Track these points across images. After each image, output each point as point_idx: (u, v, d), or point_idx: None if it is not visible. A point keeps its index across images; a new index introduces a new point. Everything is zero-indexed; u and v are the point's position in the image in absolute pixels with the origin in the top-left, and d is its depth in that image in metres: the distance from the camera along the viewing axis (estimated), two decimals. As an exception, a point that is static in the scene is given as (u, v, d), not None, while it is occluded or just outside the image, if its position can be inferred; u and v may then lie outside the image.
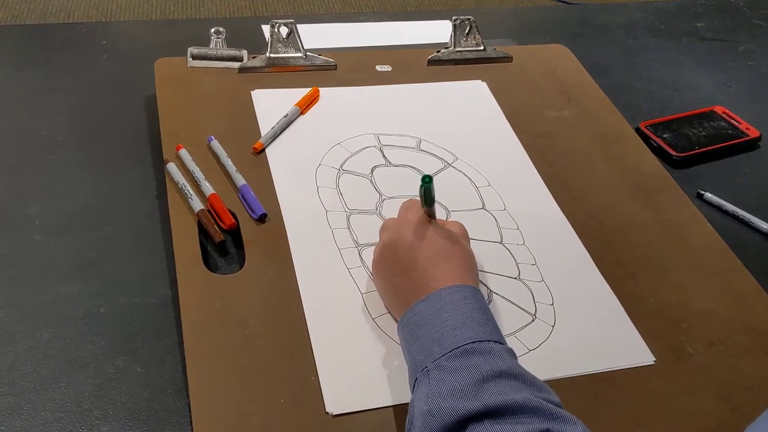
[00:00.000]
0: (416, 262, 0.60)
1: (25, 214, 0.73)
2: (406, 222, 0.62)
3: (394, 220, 0.65)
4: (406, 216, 0.63)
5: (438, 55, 0.97)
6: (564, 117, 0.92)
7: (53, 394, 0.58)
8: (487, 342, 0.53)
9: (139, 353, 0.61)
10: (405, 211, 0.64)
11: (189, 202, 0.71)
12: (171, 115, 0.82)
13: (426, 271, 0.59)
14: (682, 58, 1.13)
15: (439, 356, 0.52)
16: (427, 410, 0.49)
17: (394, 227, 0.63)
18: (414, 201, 0.65)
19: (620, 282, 0.72)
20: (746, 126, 0.96)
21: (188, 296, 0.64)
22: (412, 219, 0.62)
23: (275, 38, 0.91)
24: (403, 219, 0.63)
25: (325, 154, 0.80)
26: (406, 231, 0.62)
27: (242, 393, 0.58)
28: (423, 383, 0.52)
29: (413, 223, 0.62)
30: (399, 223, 0.63)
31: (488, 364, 0.51)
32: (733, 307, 0.71)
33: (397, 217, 0.65)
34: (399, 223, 0.63)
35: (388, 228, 0.64)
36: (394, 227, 0.63)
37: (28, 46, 0.98)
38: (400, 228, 0.62)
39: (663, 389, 0.63)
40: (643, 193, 0.82)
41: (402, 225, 0.63)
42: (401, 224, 0.63)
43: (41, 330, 0.62)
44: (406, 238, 0.61)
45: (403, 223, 0.63)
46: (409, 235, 0.61)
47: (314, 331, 0.62)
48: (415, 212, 0.63)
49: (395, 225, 0.64)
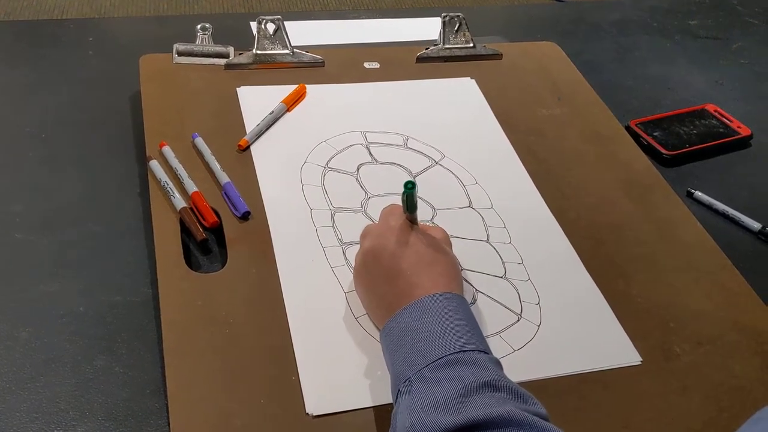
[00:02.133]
0: (399, 269, 0.58)
1: (6, 211, 0.72)
2: (389, 228, 0.61)
3: (376, 227, 0.63)
4: (387, 222, 0.62)
5: (427, 52, 0.96)
6: (554, 115, 0.91)
7: (29, 394, 0.57)
8: (472, 352, 0.52)
9: (118, 353, 0.60)
10: (386, 216, 0.63)
11: (171, 199, 0.71)
12: (155, 112, 0.81)
13: (409, 279, 0.57)
14: (675, 56, 1.13)
15: (422, 367, 0.51)
16: (409, 425, 0.48)
17: (376, 234, 0.62)
18: (396, 206, 0.63)
19: (610, 281, 0.71)
20: (738, 124, 0.95)
21: (169, 295, 0.63)
22: (394, 225, 0.61)
23: (262, 35, 0.90)
24: (385, 225, 0.62)
25: (311, 151, 0.79)
26: (388, 238, 0.60)
27: (222, 393, 0.57)
28: (406, 395, 0.50)
29: (395, 230, 0.60)
30: (381, 229, 0.62)
31: (472, 375, 0.49)
32: (723, 307, 0.70)
33: (378, 222, 0.64)
34: (381, 230, 0.62)
35: (369, 235, 0.63)
36: (376, 234, 0.62)
37: (15, 42, 0.97)
38: (382, 235, 0.61)
39: (651, 389, 0.62)
40: (634, 192, 0.81)
41: (384, 231, 0.61)
42: (383, 231, 0.61)
43: (19, 329, 0.61)
44: (388, 246, 0.60)
45: (385, 230, 0.61)
46: (391, 242, 0.60)
47: (296, 330, 0.61)
48: (397, 218, 0.61)
49: (377, 231, 0.62)
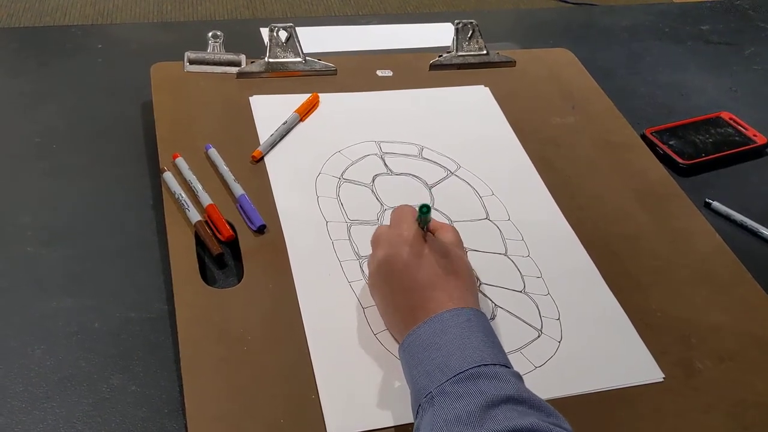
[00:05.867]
0: (414, 281, 0.58)
1: (16, 223, 0.71)
2: (402, 238, 0.60)
3: (387, 234, 0.62)
4: (400, 231, 0.61)
5: (440, 59, 0.95)
6: (569, 123, 0.90)
7: (45, 414, 0.56)
8: (493, 366, 0.51)
9: (134, 371, 0.59)
10: (399, 223, 0.62)
11: (186, 212, 0.70)
12: (167, 122, 0.80)
13: (425, 292, 0.57)
14: (687, 62, 1.12)
15: (443, 381, 0.51)
16: None
17: (388, 242, 0.61)
18: (406, 211, 0.62)
19: (627, 294, 0.70)
20: (753, 133, 0.94)
21: (185, 311, 0.62)
22: (407, 236, 0.60)
23: (274, 42, 0.89)
24: (398, 234, 0.61)
25: (325, 162, 0.78)
26: (401, 248, 0.59)
27: (241, 412, 0.56)
28: (427, 410, 0.50)
29: (408, 240, 0.59)
30: (393, 238, 0.61)
31: (494, 388, 0.49)
32: (743, 321, 0.69)
33: (389, 228, 0.63)
34: (393, 238, 0.61)
35: (381, 242, 0.62)
36: (388, 242, 0.61)
37: (21, 50, 0.96)
38: (395, 244, 0.60)
39: (674, 407, 0.61)
40: (651, 202, 0.80)
41: (396, 240, 0.60)
42: (395, 239, 0.60)
43: (33, 346, 0.60)
44: (401, 256, 0.59)
45: (397, 239, 0.60)
46: (404, 252, 0.59)
47: (315, 348, 0.60)
48: (409, 226, 0.60)
49: (389, 240, 0.61)
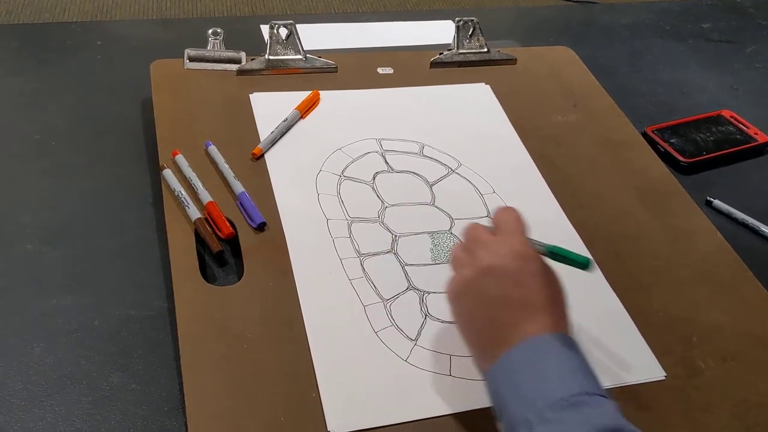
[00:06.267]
0: (519, 299, 0.54)
1: (16, 222, 0.70)
2: (512, 250, 0.56)
3: (493, 241, 0.57)
4: (512, 243, 0.56)
5: (441, 57, 0.95)
6: (570, 121, 0.90)
7: (44, 412, 0.55)
8: (594, 395, 0.49)
9: (134, 369, 0.59)
10: (509, 236, 0.57)
11: (186, 210, 0.69)
12: (167, 120, 0.79)
13: (527, 312, 0.53)
14: (688, 60, 1.12)
15: (542, 407, 0.48)
16: None
17: (496, 252, 0.56)
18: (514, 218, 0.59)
19: (629, 294, 0.70)
20: (754, 131, 0.94)
21: (185, 309, 0.62)
22: (520, 249, 0.56)
23: (274, 40, 0.89)
24: (508, 245, 0.56)
25: (326, 159, 0.78)
26: (512, 261, 0.55)
27: (241, 410, 0.56)
28: None
29: (522, 254, 0.55)
30: (501, 247, 0.56)
31: (600, 417, 0.47)
32: (745, 320, 0.69)
33: (497, 237, 0.58)
34: (501, 248, 0.56)
35: (485, 248, 0.57)
36: (496, 252, 0.56)
37: (20, 47, 0.95)
38: (503, 255, 0.55)
39: (675, 406, 0.61)
40: (652, 201, 0.80)
41: (505, 251, 0.56)
42: (504, 249, 0.56)
43: (33, 344, 0.60)
44: (510, 270, 0.55)
45: (506, 249, 0.56)
46: (514, 266, 0.55)
47: (315, 346, 0.60)
48: (522, 241, 0.57)
49: (496, 249, 0.56)
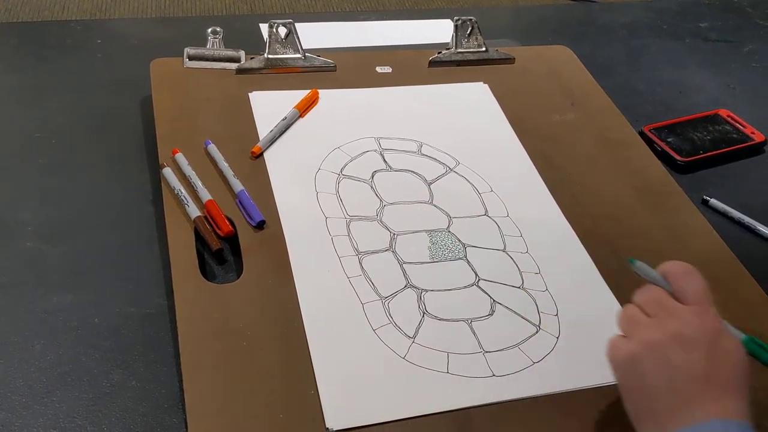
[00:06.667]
0: (705, 377, 0.52)
1: (16, 219, 0.71)
2: (705, 326, 0.53)
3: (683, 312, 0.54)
4: (702, 316, 0.54)
5: (439, 56, 0.95)
6: (568, 120, 0.90)
7: (45, 409, 0.56)
8: None
9: (134, 366, 0.60)
10: (702, 306, 0.55)
11: (185, 208, 0.70)
12: (167, 118, 0.80)
13: (713, 392, 0.51)
14: (686, 60, 1.12)
15: None
16: None
17: (687, 322, 0.54)
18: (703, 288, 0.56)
19: (626, 292, 0.70)
20: (751, 130, 0.95)
21: (184, 306, 0.62)
22: (712, 326, 0.54)
23: (273, 39, 0.89)
24: (700, 319, 0.54)
25: (325, 158, 0.78)
26: (704, 336, 0.53)
27: (241, 407, 0.56)
28: None
29: (715, 330, 0.53)
30: (693, 321, 0.54)
31: None
32: (741, 319, 0.69)
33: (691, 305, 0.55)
34: (693, 322, 0.54)
35: (673, 317, 0.54)
36: (687, 322, 0.54)
37: (19, 45, 0.96)
38: (695, 328, 0.53)
39: (670, 403, 0.61)
40: (649, 200, 0.81)
41: (697, 326, 0.53)
42: (696, 325, 0.53)
43: (33, 342, 0.61)
44: (701, 345, 0.53)
45: (698, 324, 0.53)
46: (705, 342, 0.53)
47: (314, 343, 0.61)
48: (713, 315, 0.54)
49: (688, 320, 0.54)
